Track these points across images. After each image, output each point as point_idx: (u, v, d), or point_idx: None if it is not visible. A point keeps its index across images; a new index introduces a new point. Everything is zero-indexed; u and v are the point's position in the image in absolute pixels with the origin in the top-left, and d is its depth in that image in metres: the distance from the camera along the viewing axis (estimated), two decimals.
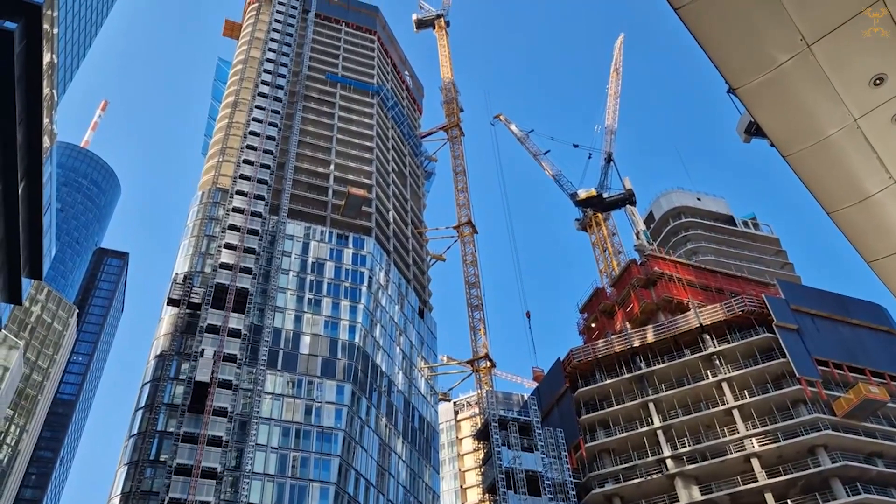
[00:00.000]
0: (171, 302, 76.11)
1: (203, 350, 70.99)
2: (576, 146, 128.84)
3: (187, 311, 75.60)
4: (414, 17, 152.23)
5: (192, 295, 75.91)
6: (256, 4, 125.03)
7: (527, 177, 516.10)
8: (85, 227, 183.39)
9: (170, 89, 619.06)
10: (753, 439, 69.12)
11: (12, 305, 74.71)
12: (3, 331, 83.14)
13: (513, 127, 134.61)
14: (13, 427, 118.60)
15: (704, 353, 76.08)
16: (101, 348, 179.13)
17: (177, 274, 79.19)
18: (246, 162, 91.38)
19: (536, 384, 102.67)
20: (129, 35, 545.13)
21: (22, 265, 69.00)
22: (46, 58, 57.59)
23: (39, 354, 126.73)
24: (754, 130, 55.81)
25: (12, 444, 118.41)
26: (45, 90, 58.70)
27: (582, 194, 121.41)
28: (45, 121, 60.89)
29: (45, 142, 62.44)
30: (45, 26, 55.81)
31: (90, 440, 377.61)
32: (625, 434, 74.46)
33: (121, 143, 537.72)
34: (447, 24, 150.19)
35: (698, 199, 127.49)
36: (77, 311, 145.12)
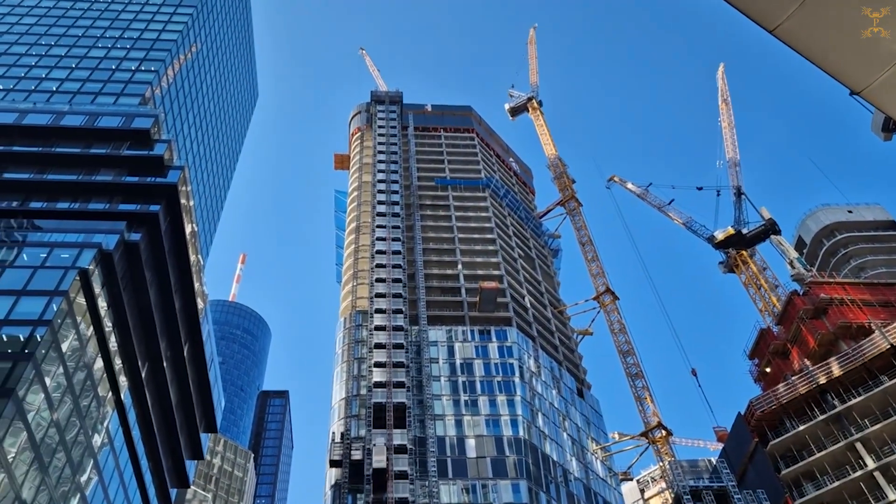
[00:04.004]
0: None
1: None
2: (700, 189, 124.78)
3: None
4: (506, 106, 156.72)
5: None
6: (359, 133, 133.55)
7: (656, 231, 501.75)
8: (246, 373, 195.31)
9: (296, 230, 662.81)
10: None
11: (196, 461, 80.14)
12: (192, 487, 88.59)
13: (629, 185, 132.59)
14: None
15: None
16: (280, 487, 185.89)
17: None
18: (378, 280, 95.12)
19: (721, 445, 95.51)
20: (253, 189, 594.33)
21: (198, 422, 74.33)
22: (188, 228, 63.95)
23: (227, 503, 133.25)
24: (893, 126, 51.88)
25: None
26: (192, 257, 64.84)
27: (719, 236, 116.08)
28: (197, 285, 66.88)
29: (199, 304, 68.38)
30: (183, 201, 62.32)
31: None
32: (837, 483, 67.07)
33: (262, 289, 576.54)
34: (540, 103, 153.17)
35: (850, 212, 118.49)
36: (252, 455, 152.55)
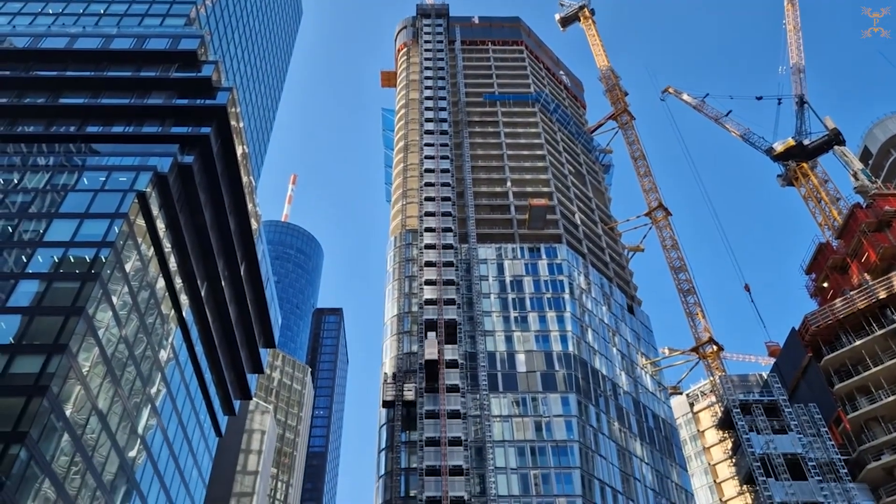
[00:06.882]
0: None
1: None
2: (759, 98, 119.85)
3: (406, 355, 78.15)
4: (557, 16, 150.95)
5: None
6: (405, 49, 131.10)
7: (712, 144, 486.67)
8: (301, 292, 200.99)
9: (345, 150, 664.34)
10: None
11: (257, 375, 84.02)
12: (254, 399, 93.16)
13: (685, 96, 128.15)
14: (280, 484, 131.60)
15: None
16: (337, 399, 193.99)
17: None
18: (427, 199, 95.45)
19: (773, 360, 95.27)
20: (300, 110, 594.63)
21: (257, 338, 77.47)
22: (239, 150, 64.80)
23: (287, 415, 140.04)
24: None
25: (282, 499, 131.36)
26: (244, 178, 65.96)
27: (778, 147, 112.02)
28: (250, 206, 68.30)
29: (253, 224, 70.00)
30: (233, 122, 62.92)
31: (346, 484, 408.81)
32: (893, 398, 66.62)
33: (314, 209, 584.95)
34: (592, 12, 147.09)
35: None
36: (310, 369, 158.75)
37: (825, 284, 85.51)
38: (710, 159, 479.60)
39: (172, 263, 56.86)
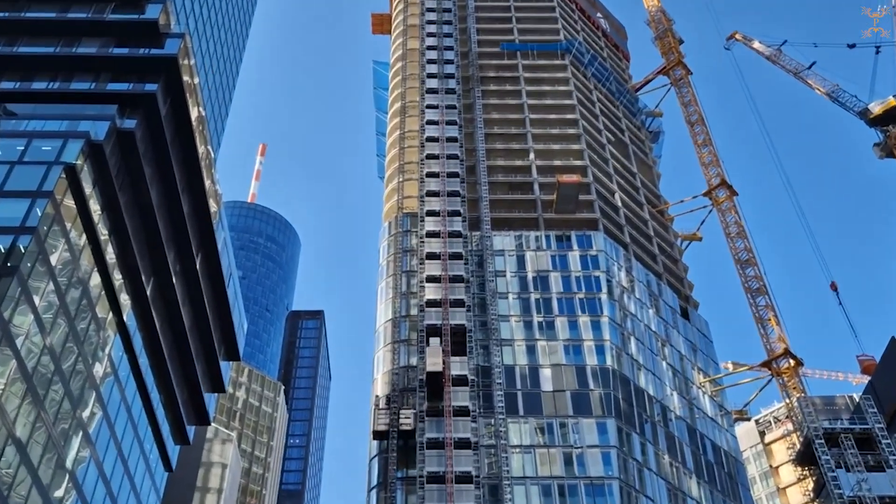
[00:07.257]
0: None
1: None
2: (851, 46, 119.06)
3: (403, 367, 78.05)
4: None
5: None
6: None
7: (789, 104, 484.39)
8: (272, 291, 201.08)
9: (327, 113, 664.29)
10: None
11: (216, 394, 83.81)
12: (212, 424, 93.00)
13: (756, 44, 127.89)
14: None
15: None
16: (317, 424, 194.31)
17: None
18: (430, 175, 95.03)
19: (867, 378, 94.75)
20: (270, 64, 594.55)
21: (217, 348, 77.13)
22: (194, 112, 64.21)
23: (255, 443, 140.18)
24: None
25: None
26: (200, 148, 65.43)
27: (876, 108, 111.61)
28: (207, 182, 67.74)
29: (212, 206, 69.50)
30: (185, 78, 62.33)
31: None
32: None
33: (288, 188, 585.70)
34: None
35: None
36: (283, 387, 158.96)
37: None
38: (787, 124, 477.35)
39: (110, 255, 56.43)
